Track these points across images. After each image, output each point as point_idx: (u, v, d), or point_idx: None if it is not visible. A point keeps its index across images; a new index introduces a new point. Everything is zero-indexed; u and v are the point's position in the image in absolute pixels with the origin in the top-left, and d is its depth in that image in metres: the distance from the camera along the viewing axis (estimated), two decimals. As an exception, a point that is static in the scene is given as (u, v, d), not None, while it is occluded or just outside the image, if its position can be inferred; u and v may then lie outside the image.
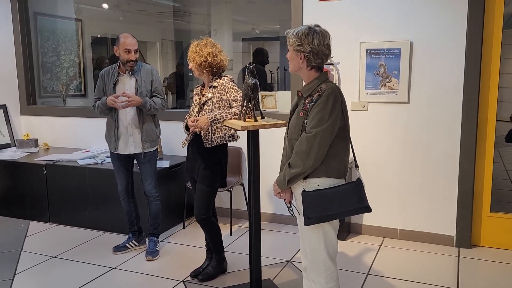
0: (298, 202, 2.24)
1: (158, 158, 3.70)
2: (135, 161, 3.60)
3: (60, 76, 5.63)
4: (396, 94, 3.69)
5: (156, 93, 3.48)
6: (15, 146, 5.03)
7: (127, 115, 3.44)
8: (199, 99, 3.08)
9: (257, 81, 2.62)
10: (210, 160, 3.02)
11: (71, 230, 4.20)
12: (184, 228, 4.22)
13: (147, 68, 3.49)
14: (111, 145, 3.50)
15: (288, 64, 2.25)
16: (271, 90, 7.34)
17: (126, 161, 3.57)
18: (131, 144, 3.46)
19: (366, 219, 3.97)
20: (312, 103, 2.11)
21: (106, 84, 3.46)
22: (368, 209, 2.20)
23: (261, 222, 2.87)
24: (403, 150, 3.76)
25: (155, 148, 3.56)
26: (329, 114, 2.07)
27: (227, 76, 3.05)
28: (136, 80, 3.42)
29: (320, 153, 2.08)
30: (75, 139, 5.03)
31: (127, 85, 3.43)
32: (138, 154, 3.48)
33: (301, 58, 2.16)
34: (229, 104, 2.98)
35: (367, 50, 3.72)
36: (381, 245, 3.76)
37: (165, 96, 3.65)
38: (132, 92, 3.40)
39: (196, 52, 2.97)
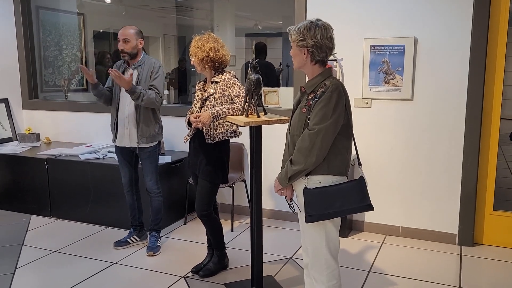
0: (299, 199, 2.22)
1: (160, 153, 3.68)
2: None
3: (62, 70, 5.62)
4: (400, 91, 3.66)
5: (153, 86, 3.40)
6: (17, 140, 5.02)
7: (126, 109, 3.44)
8: (201, 94, 3.06)
9: (260, 77, 2.60)
10: (212, 156, 3.01)
11: (73, 224, 4.21)
12: (185, 223, 4.22)
13: (151, 62, 3.47)
14: (113, 136, 3.54)
15: (293, 61, 2.23)
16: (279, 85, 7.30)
17: (129, 155, 3.57)
18: (126, 137, 3.47)
19: (368, 216, 3.96)
20: (315, 100, 2.09)
21: None
22: (371, 208, 2.18)
23: (263, 219, 2.86)
24: (406, 147, 3.74)
25: (153, 144, 3.53)
26: (332, 111, 2.05)
27: (230, 72, 3.03)
28: (138, 73, 3.42)
29: (322, 150, 2.06)
30: (77, 133, 5.03)
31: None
32: (139, 148, 3.48)
33: (304, 53, 2.14)
34: (232, 100, 2.96)
35: (371, 46, 3.69)
36: (383, 243, 3.75)
37: (164, 91, 3.62)
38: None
39: (198, 47, 2.95)
